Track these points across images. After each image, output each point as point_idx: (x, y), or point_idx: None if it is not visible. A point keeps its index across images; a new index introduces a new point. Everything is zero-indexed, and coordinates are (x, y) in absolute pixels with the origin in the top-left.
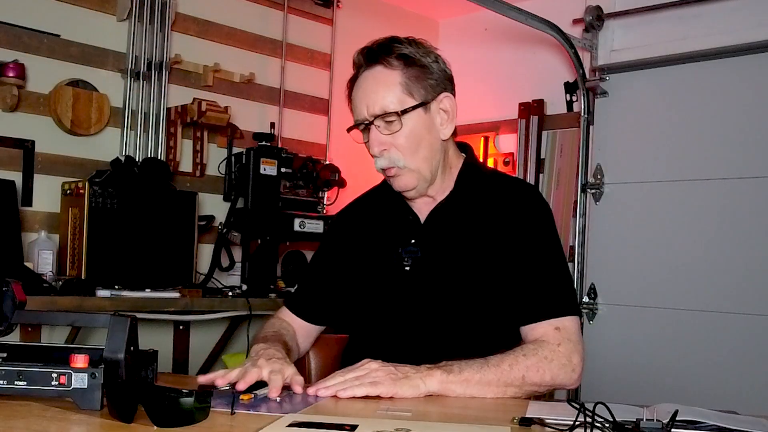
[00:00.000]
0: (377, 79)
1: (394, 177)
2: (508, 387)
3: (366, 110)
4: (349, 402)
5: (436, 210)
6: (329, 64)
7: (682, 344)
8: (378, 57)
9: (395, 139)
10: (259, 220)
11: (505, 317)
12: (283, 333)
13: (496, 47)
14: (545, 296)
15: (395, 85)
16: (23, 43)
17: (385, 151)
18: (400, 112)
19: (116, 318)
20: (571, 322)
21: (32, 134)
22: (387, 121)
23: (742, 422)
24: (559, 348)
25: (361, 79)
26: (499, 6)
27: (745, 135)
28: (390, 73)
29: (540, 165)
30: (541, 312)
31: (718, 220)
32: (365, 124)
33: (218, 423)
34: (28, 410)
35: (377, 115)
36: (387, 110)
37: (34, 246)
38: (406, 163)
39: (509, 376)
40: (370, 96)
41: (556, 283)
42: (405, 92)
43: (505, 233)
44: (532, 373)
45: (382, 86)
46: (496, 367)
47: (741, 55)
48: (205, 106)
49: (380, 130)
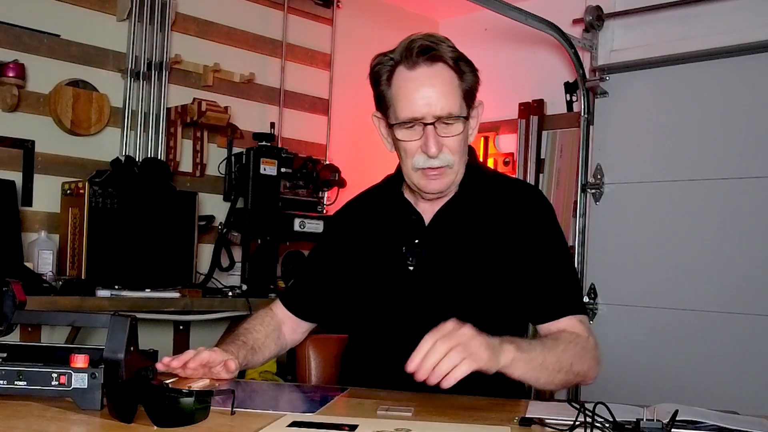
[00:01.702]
0: (443, 78)
1: (438, 177)
2: (559, 372)
3: (428, 109)
4: (349, 402)
5: (441, 211)
6: (329, 64)
7: (682, 344)
8: (439, 56)
9: (450, 141)
10: (259, 220)
11: (509, 318)
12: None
13: (496, 47)
14: (561, 294)
15: (457, 87)
16: (23, 43)
17: (440, 152)
18: (464, 116)
19: (116, 318)
20: (587, 317)
21: (32, 134)
22: (447, 123)
23: (742, 422)
24: (589, 340)
25: (420, 75)
26: (499, 6)
27: (745, 135)
28: (453, 75)
29: (540, 165)
30: (560, 309)
31: (718, 220)
32: (425, 124)
33: (218, 423)
34: (28, 410)
35: (440, 117)
36: (453, 113)
37: (34, 246)
38: (455, 164)
39: (563, 362)
40: (434, 95)
41: (569, 281)
42: (463, 96)
43: (510, 234)
44: (577, 361)
45: (447, 87)
46: (553, 351)
47: (741, 55)
48: (205, 106)
49: (438, 131)
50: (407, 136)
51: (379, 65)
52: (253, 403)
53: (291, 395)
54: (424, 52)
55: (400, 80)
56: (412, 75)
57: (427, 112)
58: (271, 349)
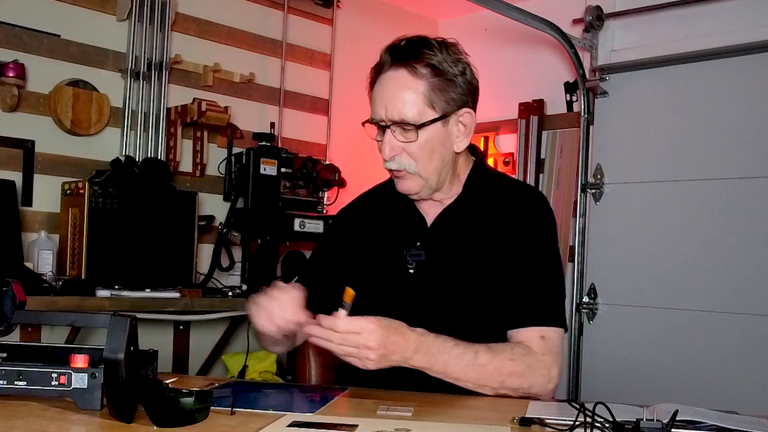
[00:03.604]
0: (401, 84)
1: (401, 179)
2: (483, 387)
3: (384, 112)
4: (349, 402)
5: (443, 213)
6: (329, 64)
7: (682, 344)
8: (406, 59)
9: (408, 146)
10: (259, 220)
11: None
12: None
13: (496, 47)
14: (535, 303)
15: (418, 94)
16: (23, 43)
17: (396, 155)
18: (418, 125)
19: (116, 318)
20: (556, 333)
21: (32, 134)
22: (405, 128)
23: (742, 422)
24: (542, 358)
25: (384, 79)
26: (499, 6)
27: (745, 135)
28: (414, 81)
29: (540, 165)
30: (529, 318)
31: (718, 220)
32: (381, 126)
33: (218, 423)
34: (28, 410)
35: (395, 121)
36: (405, 119)
37: (34, 246)
38: (417, 169)
39: (489, 380)
40: (390, 100)
41: (548, 292)
42: (426, 103)
43: (507, 239)
44: (513, 379)
45: (404, 93)
46: (481, 367)
47: (741, 55)
48: (205, 106)
49: (395, 135)
50: (375, 136)
51: (372, 69)
52: (253, 403)
53: (291, 395)
54: (393, 56)
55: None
56: (380, 78)
57: (384, 114)
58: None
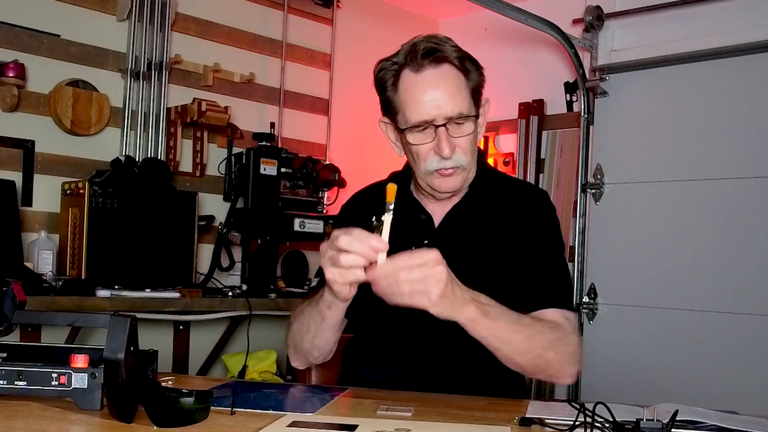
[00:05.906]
0: (449, 79)
1: (450, 176)
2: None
3: (437, 111)
4: (349, 402)
5: (452, 211)
6: (329, 64)
7: (682, 344)
8: (444, 57)
9: (460, 141)
10: (259, 220)
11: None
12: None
13: (496, 47)
14: (553, 287)
15: (466, 88)
16: (23, 43)
17: (453, 153)
18: (475, 115)
19: (116, 318)
20: (574, 317)
21: (32, 134)
22: (458, 123)
23: (742, 422)
24: (571, 336)
25: (425, 79)
26: (499, 6)
27: (745, 135)
28: (459, 75)
29: (540, 165)
30: (552, 299)
31: (718, 219)
32: (436, 126)
33: (218, 423)
34: (28, 410)
35: (450, 118)
36: (463, 113)
37: (34, 246)
38: (467, 164)
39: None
40: (442, 97)
41: (562, 278)
42: (471, 95)
43: (516, 233)
44: (551, 349)
45: (455, 87)
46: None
47: (741, 55)
48: (205, 106)
49: (450, 131)
50: (419, 140)
51: (383, 71)
52: (253, 403)
53: (291, 395)
54: (429, 54)
55: (406, 84)
56: (419, 78)
57: (438, 114)
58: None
